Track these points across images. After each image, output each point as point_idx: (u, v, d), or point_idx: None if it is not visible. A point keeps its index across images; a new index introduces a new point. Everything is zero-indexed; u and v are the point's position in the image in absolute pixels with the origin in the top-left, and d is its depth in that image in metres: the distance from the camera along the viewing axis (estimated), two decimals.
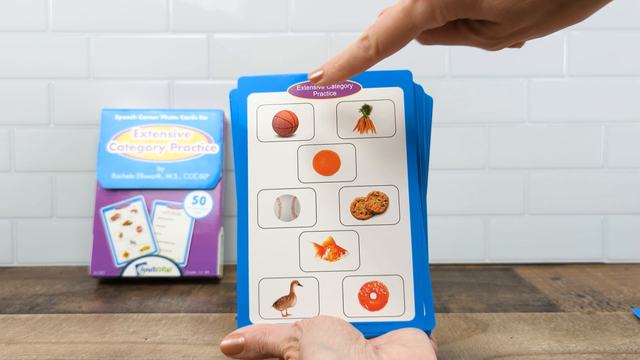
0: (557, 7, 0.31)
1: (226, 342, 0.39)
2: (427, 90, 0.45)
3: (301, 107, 0.44)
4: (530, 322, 0.52)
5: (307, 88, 0.44)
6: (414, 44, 0.76)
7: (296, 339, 0.37)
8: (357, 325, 0.40)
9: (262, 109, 0.44)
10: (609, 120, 0.75)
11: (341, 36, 0.74)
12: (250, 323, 0.41)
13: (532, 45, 0.74)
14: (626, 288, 0.63)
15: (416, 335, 0.38)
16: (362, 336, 0.37)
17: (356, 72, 0.38)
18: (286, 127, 0.44)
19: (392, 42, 0.36)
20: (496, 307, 0.57)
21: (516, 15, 0.32)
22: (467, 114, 0.75)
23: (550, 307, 0.57)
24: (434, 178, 0.74)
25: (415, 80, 0.44)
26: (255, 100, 0.44)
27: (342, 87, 0.44)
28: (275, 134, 0.44)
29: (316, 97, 0.44)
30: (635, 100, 0.75)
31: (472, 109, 0.75)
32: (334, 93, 0.44)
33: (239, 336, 0.39)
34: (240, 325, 0.41)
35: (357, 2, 0.74)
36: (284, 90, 0.44)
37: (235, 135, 0.44)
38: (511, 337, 0.49)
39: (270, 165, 0.43)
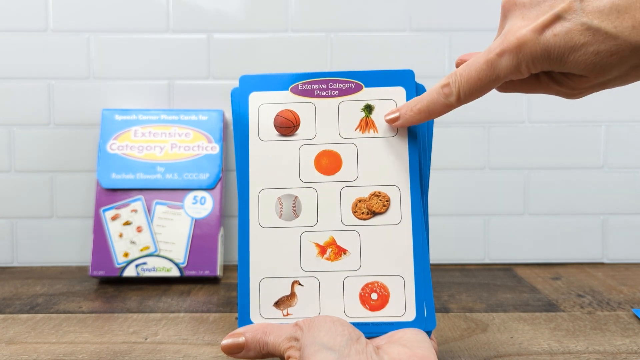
0: None
1: (227, 341, 0.39)
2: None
3: (303, 107, 0.44)
4: (530, 322, 0.52)
5: (309, 87, 0.44)
6: (414, 44, 0.75)
7: (297, 339, 0.37)
8: (357, 325, 0.40)
9: (263, 107, 0.44)
10: (609, 120, 0.75)
11: (341, 36, 0.74)
12: (251, 322, 0.41)
13: None
14: (626, 288, 0.64)
15: (417, 335, 0.38)
16: (362, 336, 0.37)
17: (434, 117, 0.40)
18: (288, 126, 0.44)
19: (473, 91, 0.37)
20: (496, 307, 0.57)
21: (602, 69, 0.33)
22: (467, 114, 0.75)
23: (550, 307, 0.57)
24: (434, 178, 0.74)
25: (418, 80, 0.44)
26: (256, 99, 0.44)
27: (344, 86, 0.44)
28: (277, 133, 0.44)
29: (318, 96, 0.44)
30: (635, 100, 0.75)
31: (472, 109, 0.75)
32: (336, 92, 0.44)
33: (240, 335, 0.39)
34: (241, 325, 0.41)
35: (357, 2, 0.74)
36: (286, 89, 0.44)
37: (236, 134, 0.44)
38: (511, 337, 0.49)
39: (272, 164, 0.43)
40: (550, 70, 0.35)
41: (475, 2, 0.74)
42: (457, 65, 0.41)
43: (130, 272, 0.67)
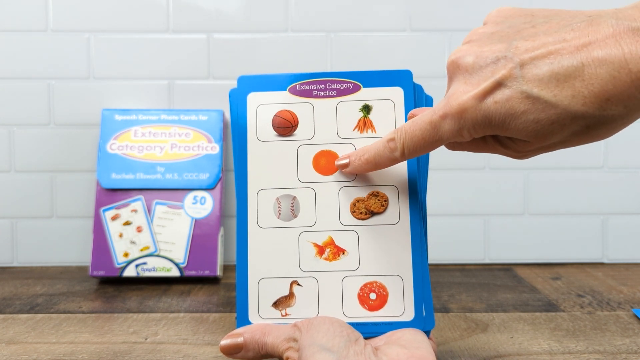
0: (584, 128, 0.32)
1: (225, 341, 0.39)
2: (428, 90, 0.45)
3: (301, 107, 0.44)
4: (530, 322, 0.52)
5: (307, 87, 0.44)
6: (414, 44, 0.75)
7: (295, 340, 0.37)
8: (356, 325, 0.40)
9: (261, 108, 0.44)
10: None
11: (341, 36, 0.74)
12: (249, 323, 0.41)
13: None
14: (626, 288, 0.63)
15: (415, 335, 0.38)
16: (361, 337, 0.37)
17: (381, 168, 0.41)
18: (286, 126, 0.44)
19: (417, 149, 0.37)
20: (496, 307, 0.57)
21: (543, 135, 0.33)
22: None
23: (550, 307, 0.57)
24: (434, 178, 0.74)
25: (416, 80, 0.44)
26: (255, 100, 0.44)
27: (342, 86, 0.44)
28: (275, 133, 0.44)
29: (316, 96, 0.44)
30: None
31: None
32: (334, 92, 0.44)
33: (238, 336, 0.39)
34: (239, 325, 0.41)
35: (357, 2, 0.74)
36: (284, 89, 0.44)
37: (234, 134, 0.44)
38: (511, 337, 0.49)
39: (270, 164, 0.43)
40: (493, 134, 0.35)
41: (475, 2, 0.74)
42: (409, 118, 0.41)
43: (130, 272, 0.67)
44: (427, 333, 0.40)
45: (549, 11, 0.35)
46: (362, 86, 0.44)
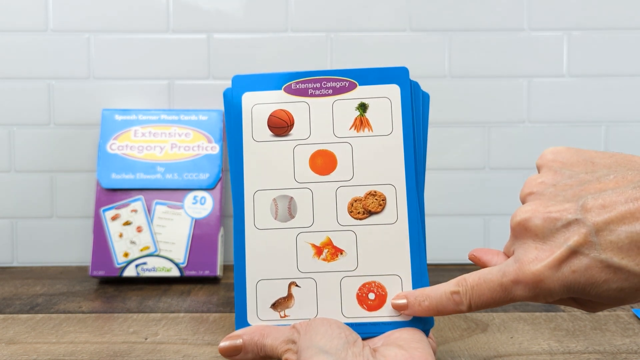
0: None
1: (224, 343, 0.39)
2: (427, 90, 0.45)
3: (297, 106, 0.44)
4: (530, 322, 0.52)
5: (302, 86, 0.44)
6: (414, 44, 0.75)
7: (294, 342, 0.37)
8: (355, 325, 0.40)
9: (257, 108, 0.44)
10: (609, 120, 0.75)
11: (341, 36, 0.74)
12: (248, 325, 0.41)
13: (532, 45, 0.74)
14: None
15: (413, 335, 0.38)
16: (359, 339, 0.37)
17: (440, 315, 0.38)
18: (281, 126, 0.44)
19: (485, 306, 0.36)
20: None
21: (627, 301, 0.32)
22: (467, 114, 0.75)
23: (550, 307, 0.57)
24: (434, 178, 0.74)
25: (418, 80, 0.44)
26: (249, 99, 0.44)
27: (338, 84, 0.44)
28: (271, 133, 0.44)
29: (312, 95, 0.44)
30: (635, 100, 0.75)
31: (472, 109, 0.75)
32: (330, 91, 0.44)
33: (237, 338, 0.39)
34: (238, 327, 0.41)
35: (357, 2, 0.74)
36: (279, 88, 0.44)
37: (230, 135, 0.44)
38: (511, 337, 0.48)
39: (266, 165, 0.43)
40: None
41: (475, 2, 0.74)
42: (470, 259, 0.41)
43: (130, 272, 0.67)
44: (427, 332, 0.40)
45: (609, 158, 0.35)
46: (358, 84, 0.44)
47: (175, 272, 0.67)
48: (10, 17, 0.74)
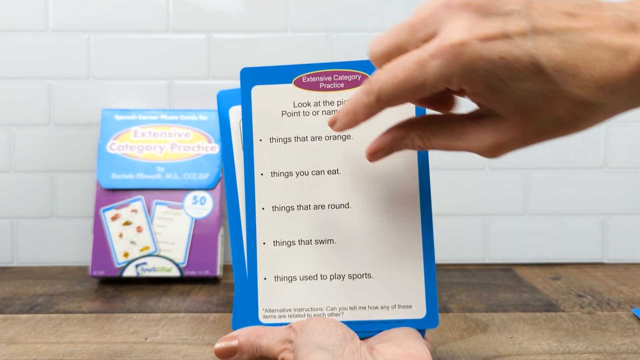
0: (572, 115, 0.31)
1: (220, 345, 0.39)
2: None
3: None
4: (530, 322, 0.52)
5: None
6: None
7: (290, 341, 0.37)
8: (354, 325, 0.40)
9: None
10: (609, 121, 0.75)
11: (341, 36, 0.74)
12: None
13: None
14: (626, 288, 0.63)
15: (409, 334, 0.38)
16: (356, 337, 0.37)
17: (361, 119, 0.35)
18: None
19: (396, 93, 0.33)
20: (496, 307, 0.57)
21: (530, 110, 0.31)
22: None
23: (550, 307, 0.57)
24: (434, 178, 0.74)
25: None
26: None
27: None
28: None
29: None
30: None
31: (473, 108, 0.75)
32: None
33: (233, 339, 0.39)
34: (235, 328, 0.41)
35: (357, 2, 0.74)
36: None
37: (223, 138, 0.43)
38: (511, 337, 0.49)
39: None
40: (476, 99, 0.33)
41: None
42: None
43: (130, 272, 0.67)
44: (422, 332, 0.40)
45: None
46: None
47: (175, 272, 0.67)
48: (10, 17, 0.74)
